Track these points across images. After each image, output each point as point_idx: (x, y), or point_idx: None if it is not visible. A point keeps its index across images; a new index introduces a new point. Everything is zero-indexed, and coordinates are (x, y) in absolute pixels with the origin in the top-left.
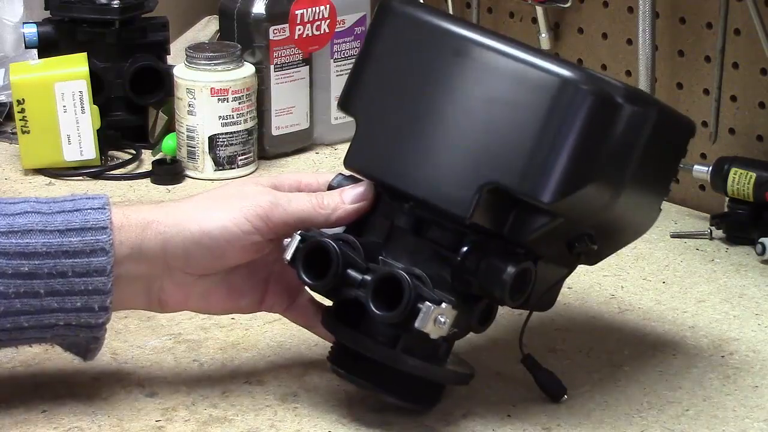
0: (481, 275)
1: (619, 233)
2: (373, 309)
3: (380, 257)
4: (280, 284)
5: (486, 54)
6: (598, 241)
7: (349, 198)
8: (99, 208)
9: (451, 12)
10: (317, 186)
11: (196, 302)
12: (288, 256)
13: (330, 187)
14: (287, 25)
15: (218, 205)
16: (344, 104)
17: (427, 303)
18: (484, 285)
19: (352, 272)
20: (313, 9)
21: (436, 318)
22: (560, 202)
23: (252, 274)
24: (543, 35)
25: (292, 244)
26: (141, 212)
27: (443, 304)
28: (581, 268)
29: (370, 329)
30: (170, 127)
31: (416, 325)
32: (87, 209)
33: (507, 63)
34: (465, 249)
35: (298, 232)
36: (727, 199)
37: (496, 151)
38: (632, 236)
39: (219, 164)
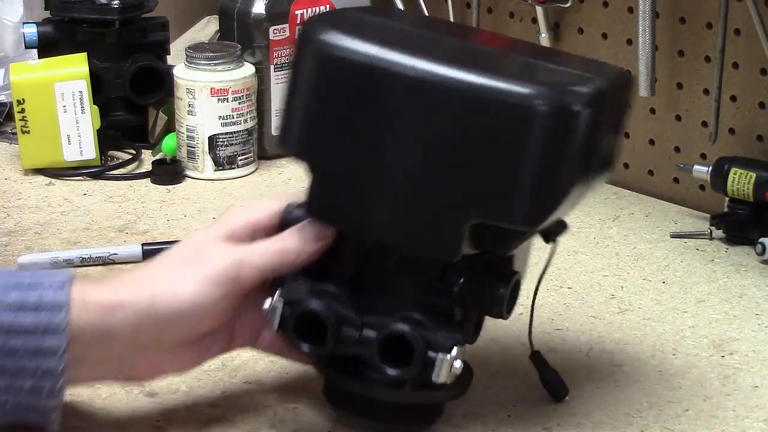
0: (477, 299)
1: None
2: (386, 370)
3: (363, 296)
4: (244, 322)
5: (431, 84)
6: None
7: (311, 237)
8: (59, 286)
9: (450, 12)
10: (269, 220)
11: (169, 368)
12: (275, 326)
13: (284, 222)
14: (287, 25)
15: (184, 274)
16: (286, 143)
17: (440, 355)
18: (481, 307)
19: (347, 330)
20: (313, 9)
21: (451, 365)
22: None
23: (218, 326)
24: (543, 35)
25: (276, 312)
26: (106, 292)
27: (454, 350)
28: (581, 269)
29: (371, 373)
30: (170, 127)
31: (433, 379)
32: (45, 286)
33: (455, 93)
34: (461, 281)
35: (278, 294)
36: (727, 199)
37: (470, 188)
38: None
39: (219, 164)
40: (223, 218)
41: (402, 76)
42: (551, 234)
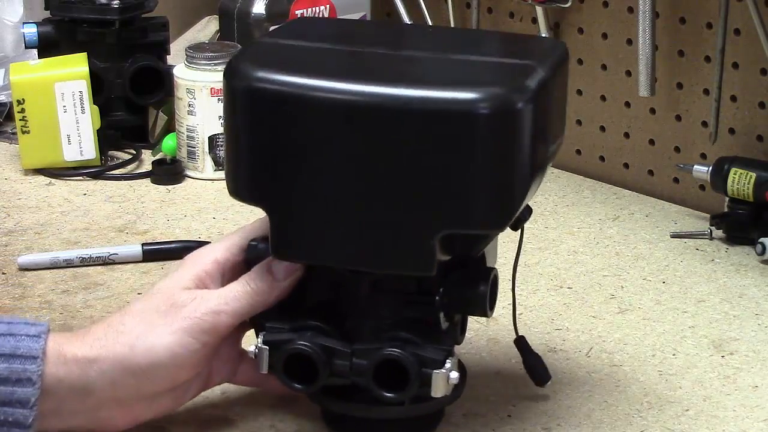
0: (460, 303)
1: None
2: (383, 394)
3: (346, 323)
4: (220, 360)
5: (369, 107)
6: None
7: (281, 274)
8: (34, 336)
9: (451, 12)
10: (236, 257)
11: (146, 415)
12: (264, 369)
13: (249, 260)
14: None
15: (160, 326)
16: (238, 193)
17: (435, 371)
18: (465, 310)
19: (338, 362)
20: (313, 9)
21: (447, 378)
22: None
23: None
24: (543, 35)
25: (264, 355)
26: (82, 346)
27: (448, 362)
28: (581, 269)
29: (366, 394)
30: (170, 127)
31: (432, 395)
32: (21, 335)
33: (395, 111)
34: (441, 290)
35: (261, 337)
36: (727, 199)
37: (432, 202)
38: None
39: (219, 164)
40: (191, 261)
41: (339, 103)
42: (518, 222)
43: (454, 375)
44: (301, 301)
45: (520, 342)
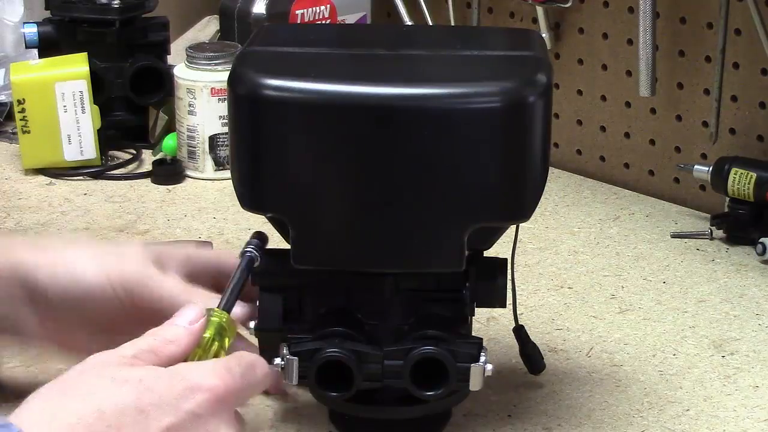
0: (483, 296)
1: None
2: (423, 393)
3: (369, 327)
4: None
5: (394, 109)
6: None
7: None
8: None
9: (451, 12)
10: (199, 264)
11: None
12: (295, 380)
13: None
14: None
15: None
16: (257, 205)
17: (473, 365)
18: (486, 303)
19: (368, 366)
20: (314, 9)
21: (484, 370)
22: None
23: None
24: (543, 35)
25: (293, 366)
26: None
27: (482, 356)
28: (581, 269)
29: (380, 395)
30: (170, 127)
31: (471, 389)
32: None
33: (418, 111)
34: (468, 284)
35: (287, 349)
36: (727, 199)
37: (462, 198)
38: None
39: (219, 164)
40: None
41: (364, 107)
42: None
43: (490, 367)
44: (313, 310)
45: (519, 331)
